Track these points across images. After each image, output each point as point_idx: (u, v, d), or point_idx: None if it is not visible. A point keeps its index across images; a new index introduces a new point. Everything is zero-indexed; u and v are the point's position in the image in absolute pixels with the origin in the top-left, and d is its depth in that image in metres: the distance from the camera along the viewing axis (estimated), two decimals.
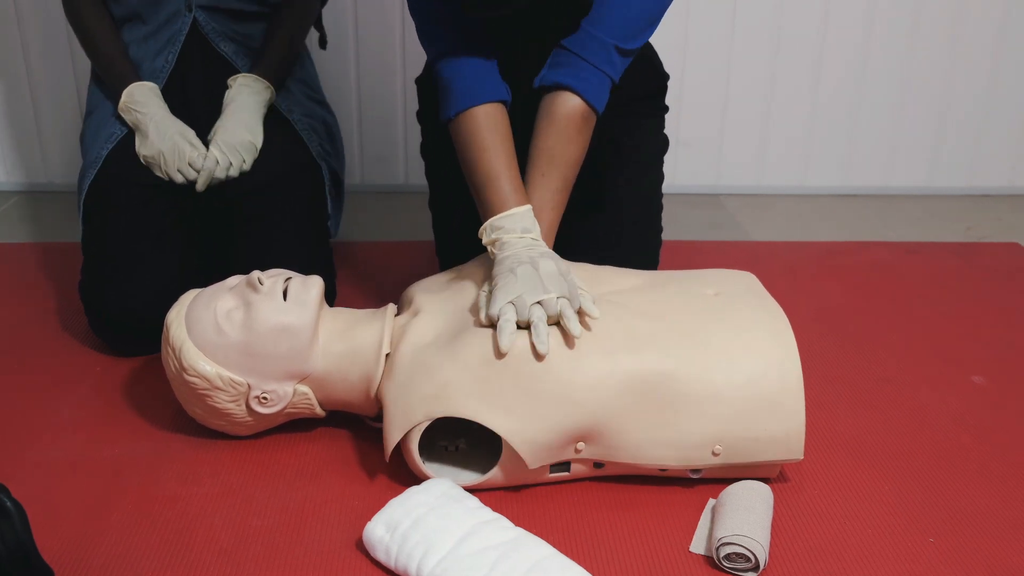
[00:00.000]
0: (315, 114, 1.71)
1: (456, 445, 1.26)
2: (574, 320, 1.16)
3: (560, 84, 1.34)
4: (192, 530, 1.14)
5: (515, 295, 1.18)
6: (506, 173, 1.32)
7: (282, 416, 1.29)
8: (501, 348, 1.14)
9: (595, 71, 1.33)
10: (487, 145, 1.33)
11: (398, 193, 2.37)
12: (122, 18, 1.65)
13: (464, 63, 1.37)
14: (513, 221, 1.29)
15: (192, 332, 1.23)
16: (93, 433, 1.33)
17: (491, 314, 1.18)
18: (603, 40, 1.32)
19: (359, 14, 2.21)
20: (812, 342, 1.63)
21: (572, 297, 1.19)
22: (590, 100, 1.34)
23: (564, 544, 1.12)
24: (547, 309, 1.17)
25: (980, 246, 2.10)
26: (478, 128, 1.34)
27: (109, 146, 1.58)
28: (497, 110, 1.36)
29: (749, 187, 2.42)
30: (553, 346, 1.16)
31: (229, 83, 1.62)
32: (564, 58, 1.34)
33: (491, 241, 1.29)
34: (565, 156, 1.35)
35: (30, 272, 1.86)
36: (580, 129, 1.35)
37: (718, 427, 1.17)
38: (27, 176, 2.34)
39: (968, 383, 1.51)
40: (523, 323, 1.17)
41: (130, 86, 1.59)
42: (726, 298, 1.28)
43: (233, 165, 1.55)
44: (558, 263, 1.23)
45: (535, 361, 1.15)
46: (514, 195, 1.31)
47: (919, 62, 2.31)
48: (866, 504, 1.21)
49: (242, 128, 1.56)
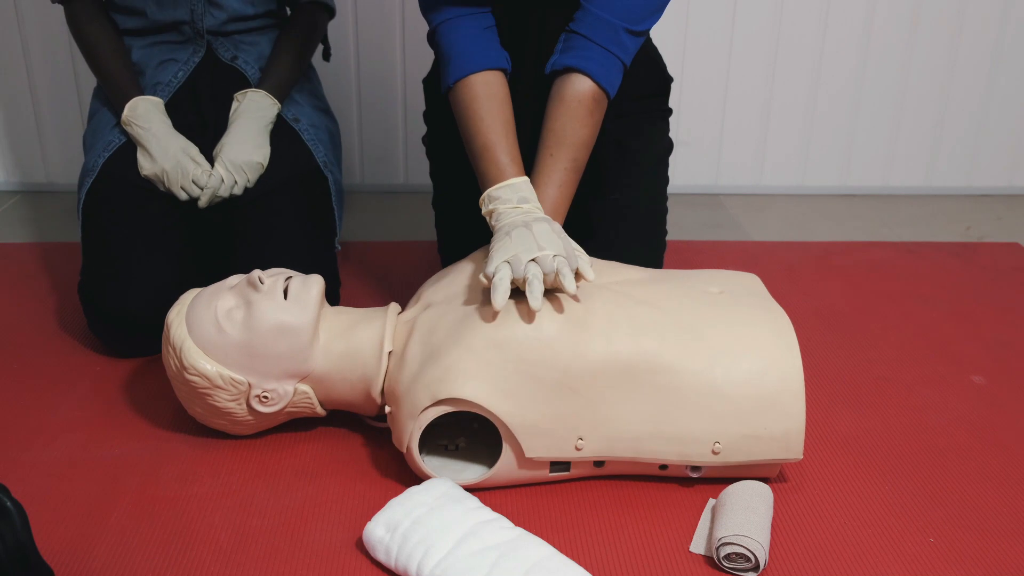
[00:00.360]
0: (320, 124, 1.71)
1: (456, 444, 1.26)
2: (570, 278, 1.16)
3: (571, 67, 1.34)
4: (192, 530, 1.14)
5: (510, 254, 1.18)
6: (503, 143, 1.32)
7: (283, 415, 1.29)
8: (495, 306, 1.14)
9: (605, 53, 1.33)
10: (484, 115, 1.33)
11: (398, 193, 2.37)
12: (136, 30, 1.65)
13: (463, 32, 1.36)
14: (510, 191, 1.29)
15: (193, 331, 1.23)
16: (93, 433, 1.33)
17: (487, 273, 1.18)
18: (612, 22, 1.32)
19: (360, 14, 2.21)
20: (811, 342, 1.63)
21: (569, 256, 1.19)
22: (601, 82, 1.34)
23: (564, 544, 1.12)
24: (543, 266, 1.16)
25: (980, 246, 2.10)
26: (475, 97, 1.34)
27: (106, 154, 1.57)
28: (495, 78, 1.35)
29: (749, 187, 2.42)
30: (554, 331, 1.16)
31: (236, 97, 1.61)
32: (574, 41, 1.34)
33: (488, 212, 1.30)
34: (575, 137, 1.35)
35: (30, 272, 1.86)
36: (591, 110, 1.35)
37: (717, 423, 1.17)
38: (27, 176, 2.34)
39: (968, 383, 1.51)
40: (519, 281, 1.17)
41: (132, 100, 1.58)
42: (729, 296, 1.28)
43: (238, 183, 1.54)
44: (552, 225, 1.23)
45: (538, 346, 1.15)
46: (511, 165, 1.31)
47: (918, 62, 2.31)
48: (866, 504, 1.21)
49: (248, 146, 1.56)
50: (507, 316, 1.17)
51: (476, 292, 1.25)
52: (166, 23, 1.62)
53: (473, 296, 1.24)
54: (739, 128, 2.36)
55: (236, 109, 1.60)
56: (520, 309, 1.18)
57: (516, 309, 1.18)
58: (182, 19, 1.61)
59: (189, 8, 1.61)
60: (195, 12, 1.61)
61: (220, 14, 1.62)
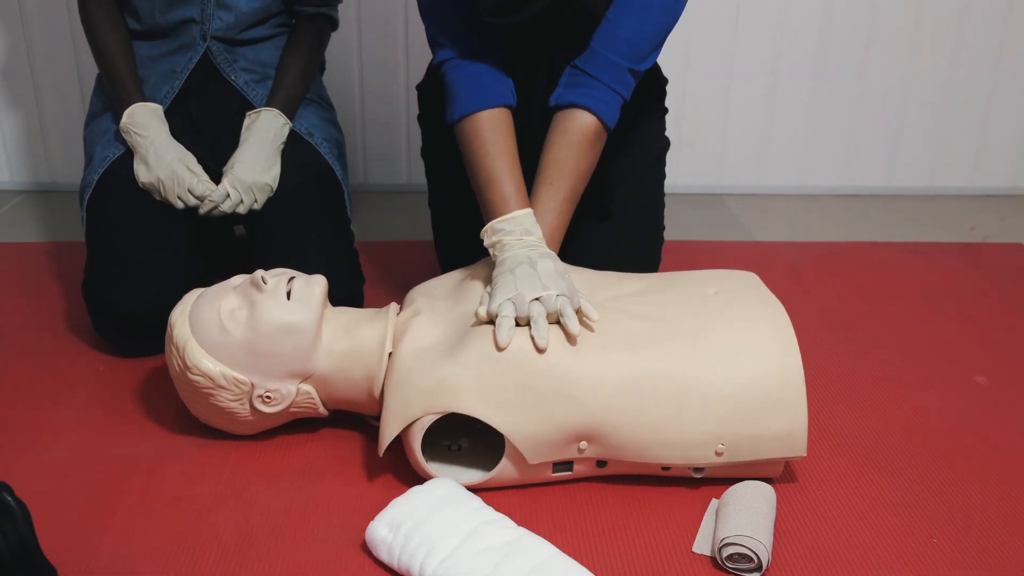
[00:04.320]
0: (332, 138, 1.72)
1: (459, 444, 1.26)
2: (573, 319, 1.17)
3: (576, 104, 1.36)
4: (195, 530, 1.14)
5: (514, 292, 1.19)
6: (508, 176, 1.34)
7: (285, 415, 1.29)
8: (500, 343, 1.14)
9: (610, 92, 1.36)
10: (489, 149, 1.35)
11: (400, 193, 2.38)
12: (138, 33, 1.65)
13: (471, 68, 1.38)
14: (514, 224, 1.30)
15: (196, 331, 1.23)
16: (96, 432, 1.33)
17: (490, 311, 1.18)
18: (618, 63, 1.35)
19: (362, 14, 2.21)
20: (814, 342, 1.63)
21: (571, 295, 1.19)
22: (603, 118, 1.36)
23: (567, 544, 1.12)
24: (546, 306, 1.18)
25: (983, 246, 2.10)
26: (481, 132, 1.36)
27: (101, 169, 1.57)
28: (502, 114, 1.38)
29: (751, 187, 2.42)
30: (552, 344, 1.16)
31: (249, 115, 1.61)
32: (579, 78, 1.36)
33: (492, 244, 1.30)
34: (575, 168, 1.37)
35: (34, 271, 1.86)
36: (592, 144, 1.37)
37: (720, 425, 1.17)
38: (31, 175, 2.34)
39: (971, 383, 1.51)
40: (522, 319, 1.17)
41: (132, 106, 1.57)
42: (726, 296, 1.28)
43: (244, 203, 1.54)
44: (556, 264, 1.24)
45: (535, 359, 1.15)
46: (515, 197, 1.32)
47: (921, 62, 2.31)
48: (868, 505, 1.21)
49: (260, 166, 1.55)
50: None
51: (470, 311, 1.25)
52: (167, 27, 1.62)
53: (468, 310, 1.25)
54: (742, 128, 2.36)
55: (248, 126, 1.60)
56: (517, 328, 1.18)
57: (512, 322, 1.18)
58: (191, 18, 1.61)
59: (200, 7, 1.61)
60: (204, 11, 1.61)
61: (227, 16, 1.62)
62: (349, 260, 1.59)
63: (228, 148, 1.61)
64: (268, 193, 1.57)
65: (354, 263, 1.60)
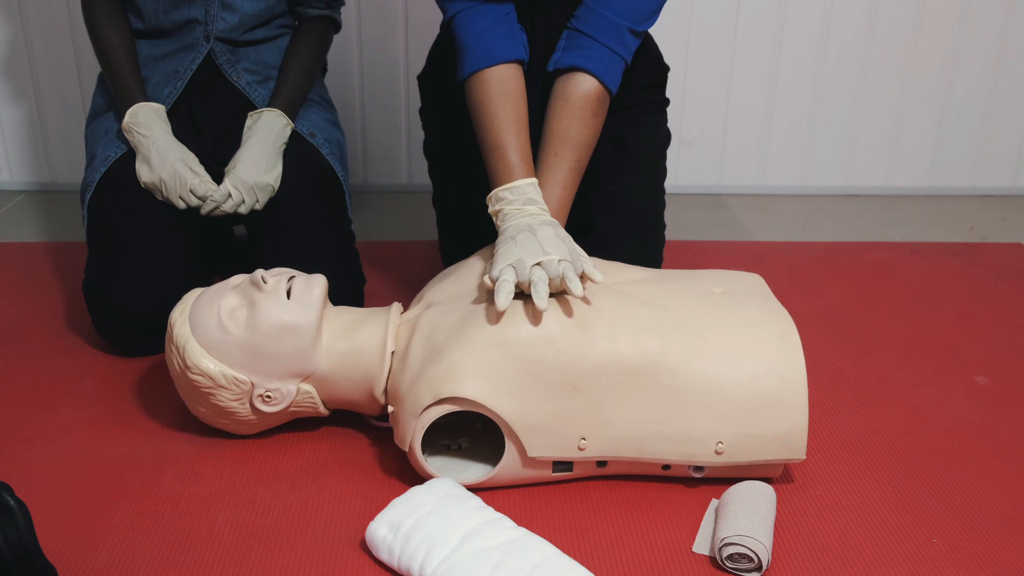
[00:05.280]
0: (334, 139, 1.72)
1: (459, 443, 1.26)
2: (576, 281, 1.16)
3: (576, 66, 1.34)
4: (195, 530, 1.14)
5: (515, 258, 1.18)
6: (514, 142, 1.32)
7: (285, 415, 1.29)
8: (498, 307, 1.14)
9: (609, 52, 1.34)
10: (496, 111, 1.33)
11: (401, 192, 2.38)
12: (142, 33, 1.65)
13: (481, 21, 1.36)
14: (517, 192, 1.29)
15: (196, 330, 1.23)
16: (96, 432, 1.33)
17: (492, 276, 1.18)
18: (616, 22, 1.33)
19: (362, 15, 2.21)
20: (814, 342, 1.63)
21: (573, 260, 1.19)
22: (605, 81, 1.34)
23: (567, 544, 1.12)
24: (548, 270, 1.17)
25: (983, 246, 2.10)
26: (489, 92, 1.34)
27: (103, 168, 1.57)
28: (511, 71, 1.35)
29: (751, 187, 2.42)
30: (557, 330, 1.16)
31: (251, 115, 1.61)
32: (578, 40, 1.34)
33: (495, 212, 1.30)
34: (580, 137, 1.35)
35: (34, 271, 1.86)
36: (595, 111, 1.36)
37: (720, 423, 1.17)
38: (32, 175, 2.34)
39: (971, 383, 1.51)
40: (524, 285, 1.17)
41: (135, 106, 1.57)
42: (732, 296, 1.28)
43: (245, 203, 1.54)
44: (557, 230, 1.24)
45: (541, 345, 1.15)
46: (520, 166, 1.31)
47: (922, 61, 2.31)
48: (869, 505, 1.21)
49: (262, 167, 1.55)
50: (511, 316, 1.17)
51: (479, 292, 1.25)
52: (171, 27, 1.62)
53: (476, 296, 1.24)
54: (742, 128, 2.36)
55: (250, 126, 1.60)
56: (524, 309, 1.18)
57: (520, 309, 1.18)
58: (195, 18, 1.61)
59: (204, 8, 1.61)
60: (208, 12, 1.61)
61: (231, 17, 1.62)
62: (350, 260, 1.59)
63: (230, 148, 1.61)
64: (270, 193, 1.57)
65: (355, 263, 1.60)
